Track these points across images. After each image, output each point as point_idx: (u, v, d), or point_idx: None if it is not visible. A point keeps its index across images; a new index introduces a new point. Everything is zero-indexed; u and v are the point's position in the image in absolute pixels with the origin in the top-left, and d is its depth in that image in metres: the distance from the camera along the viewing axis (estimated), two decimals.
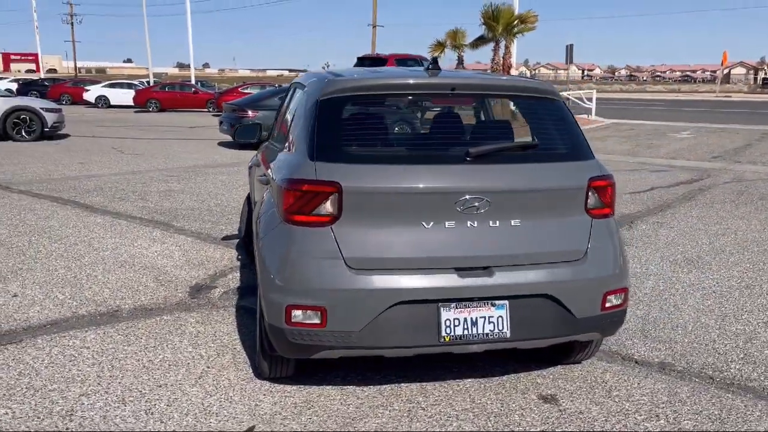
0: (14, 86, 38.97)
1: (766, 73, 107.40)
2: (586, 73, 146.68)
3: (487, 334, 3.12)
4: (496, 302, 3.12)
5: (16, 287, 5.13)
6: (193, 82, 37.30)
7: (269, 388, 3.52)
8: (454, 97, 3.47)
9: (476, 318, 3.10)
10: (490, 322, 3.12)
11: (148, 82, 39.31)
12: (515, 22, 19.46)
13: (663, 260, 6.27)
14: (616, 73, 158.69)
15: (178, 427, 3.11)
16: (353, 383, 3.60)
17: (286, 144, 3.61)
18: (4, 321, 4.43)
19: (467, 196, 3.06)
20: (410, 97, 3.69)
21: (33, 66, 61.97)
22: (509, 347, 3.25)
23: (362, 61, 21.69)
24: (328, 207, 3.03)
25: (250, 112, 15.18)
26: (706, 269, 5.98)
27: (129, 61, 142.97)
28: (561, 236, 3.24)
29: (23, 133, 16.58)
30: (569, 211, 3.27)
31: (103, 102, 33.86)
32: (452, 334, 3.08)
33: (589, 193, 3.30)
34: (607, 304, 3.31)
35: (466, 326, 3.09)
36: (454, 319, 3.08)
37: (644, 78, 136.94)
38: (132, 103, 31.93)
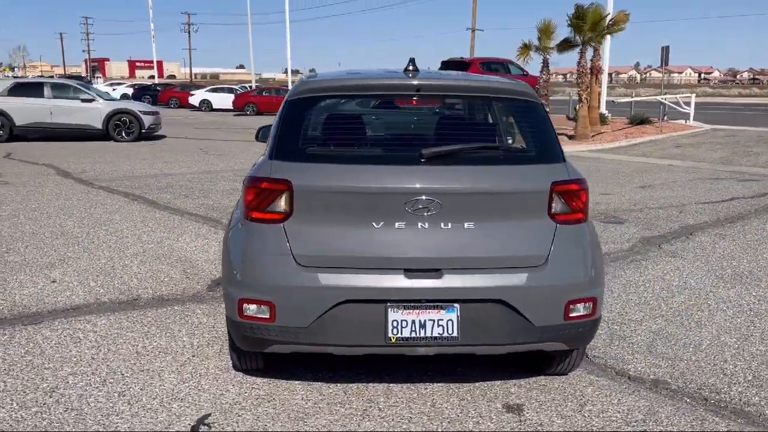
0: (130, 91, 41.85)
1: None
2: (702, 76, 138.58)
3: (435, 338, 3.08)
4: (446, 305, 3.08)
5: (58, 274, 5.56)
6: (289, 86, 38.50)
7: (240, 380, 3.64)
8: (421, 98, 3.45)
9: (425, 320, 3.07)
10: (439, 326, 3.08)
11: (250, 87, 41.00)
12: (604, 22, 18.71)
13: (708, 274, 5.89)
14: (738, 76, 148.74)
15: (142, 410, 3.29)
16: (323, 380, 3.65)
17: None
18: (34, 303, 4.83)
19: (417, 198, 3.05)
20: (377, 98, 3.69)
21: (155, 72, 66.30)
22: (459, 352, 3.19)
23: (446, 65, 21.64)
24: (281, 205, 3.11)
25: None
26: (753, 286, 5.56)
27: (241, 67, 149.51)
28: (519, 241, 3.15)
29: (123, 134, 17.80)
30: (530, 216, 3.17)
31: (206, 106, 35.73)
32: (399, 335, 3.07)
33: (553, 198, 3.18)
34: (572, 314, 3.18)
35: (413, 328, 3.07)
36: (401, 321, 3.06)
37: None
38: (232, 107, 33.55)
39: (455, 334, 3.08)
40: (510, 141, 3.50)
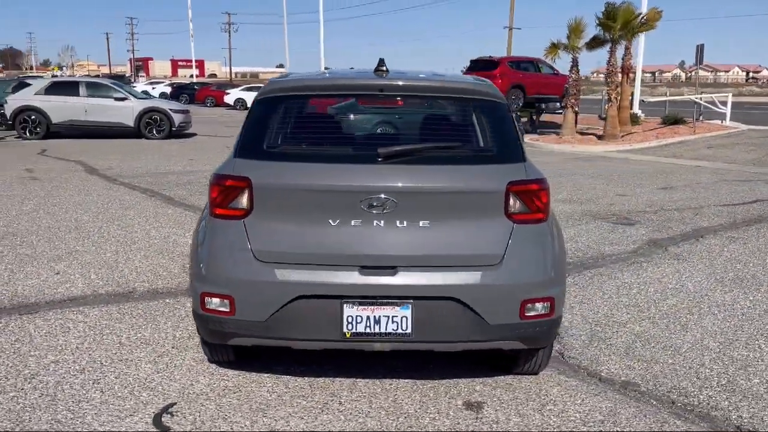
0: (169, 90, 42.74)
1: None
2: (751, 75, 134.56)
3: (389, 334, 3.13)
4: (401, 302, 3.13)
5: (63, 266, 5.78)
6: None
7: (212, 371, 3.75)
8: (384, 98, 3.50)
9: (379, 316, 3.13)
10: (393, 322, 3.13)
11: None
12: (636, 20, 18.37)
13: (708, 277, 5.80)
14: None
15: (112, 397, 3.42)
16: (293, 373, 3.74)
17: None
18: (34, 294, 5.04)
19: (373, 196, 3.10)
20: (341, 98, 3.75)
21: (197, 72, 67.50)
22: (414, 348, 3.24)
23: (475, 64, 21.54)
24: (241, 201, 3.20)
25: None
26: (752, 290, 5.46)
27: (281, 66, 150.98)
28: (474, 240, 3.18)
29: (154, 132, 18.24)
30: (486, 215, 3.19)
31: (240, 104, 36.23)
32: (354, 330, 3.13)
33: (510, 198, 3.20)
34: (527, 313, 3.20)
35: (368, 324, 3.13)
36: (356, 316, 3.13)
37: None
38: None
39: (409, 330, 3.13)
40: (472, 141, 3.52)
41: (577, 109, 19.84)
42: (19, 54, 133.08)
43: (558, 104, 21.29)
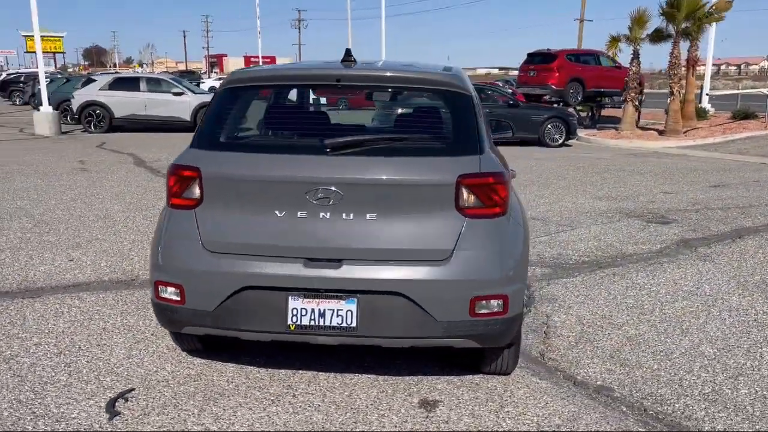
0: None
1: None
2: None
3: (334, 327, 3.08)
4: (346, 296, 3.07)
5: (79, 254, 6.00)
6: None
7: (180, 359, 3.80)
8: (343, 88, 3.44)
9: (324, 310, 3.09)
10: (338, 315, 3.08)
11: None
12: (702, 10, 17.47)
13: (730, 280, 5.46)
14: None
15: (76, 380, 3.52)
16: (257, 364, 3.74)
17: None
18: (42, 279, 5.25)
19: (318, 187, 3.06)
20: (299, 89, 3.70)
21: None
22: (359, 343, 3.18)
23: (531, 58, 21.04)
24: (194, 191, 3.22)
25: None
26: None
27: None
28: (422, 234, 3.08)
29: None
30: (435, 209, 3.09)
31: None
32: (299, 323, 3.10)
33: (461, 191, 3.08)
34: (478, 310, 3.08)
35: (313, 317, 3.09)
36: (301, 309, 3.09)
37: None
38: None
39: (354, 324, 3.07)
40: (426, 132, 3.41)
41: (637, 103, 19.10)
42: (104, 52, 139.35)
43: (618, 98, 20.55)
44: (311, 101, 3.91)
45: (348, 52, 3.58)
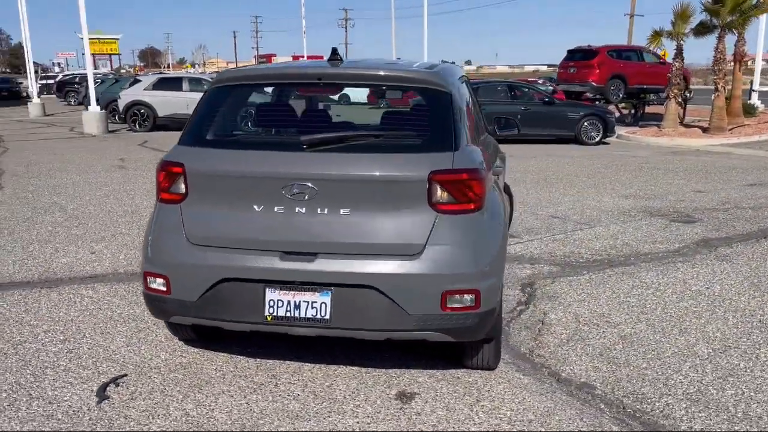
0: None
1: None
2: None
3: (309, 319, 3.18)
4: (321, 288, 3.16)
5: (101, 247, 6.26)
6: None
7: (176, 348, 3.95)
8: (325, 86, 3.52)
9: (299, 302, 3.18)
10: (313, 307, 3.17)
11: None
12: (749, 2, 16.88)
13: (743, 281, 5.34)
14: None
15: (75, 365, 3.70)
16: (248, 354, 3.86)
17: None
18: (62, 270, 5.51)
19: (294, 183, 3.15)
20: (282, 87, 3.78)
21: None
22: (333, 335, 3.26)
23: (572, 54, 20.71)
24: (179, 186, 3.36)
25: None
26: None
27: (398, 59, 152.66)
28: (394, 229, 3.14)
29: None
30: (408, 204, 3.14)
31: (345, 99, 37.01)
32: (275, 314, 3.20)
33: (433, 187, 3.13)
34: (450, 304, 3.13)
35: (288, 308, 3.19)
36: (277, 300, 3.20)
37: None
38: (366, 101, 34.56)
39: (328, 316, 3.16)
40: (402, 129, 3.46)
41: (680, 99, 18.63)
42: (158, 53, 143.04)
43: (662, 95, 20.07)
44: (289, 99, 3.99)
45: (334, 51, 3.67)
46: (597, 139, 16.29)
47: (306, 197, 3.16)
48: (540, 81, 30.78)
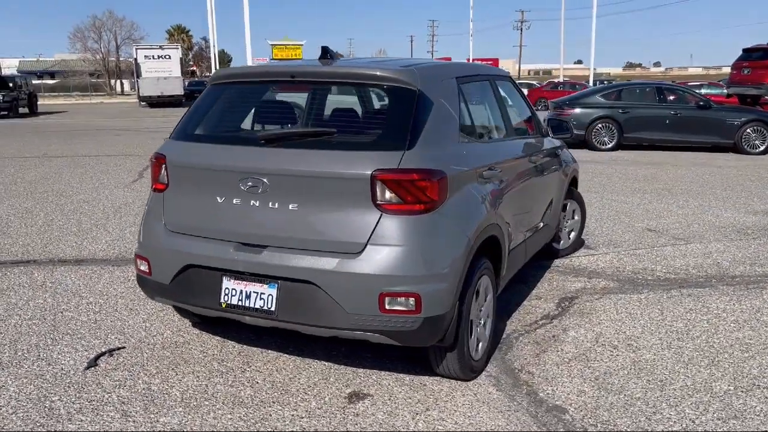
0: None
1: None
2: None
3: (257, 309, 3.26)
4: (268, 281, 3.23)
5: (117, 231, 6.84)
6: (590, 82, 36.64)
7: (180, 328, 4.21)
8: (298, 84, 3.57)
9: (250, 292, 3.27)
10: (260, 298, 3.25)
11: (587, 83, 38.73)
12: None
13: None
14: None
15: (88, 335, 4.09)
16: (238, 340, 4.02)
17: None
18: (71, 252, 6.04)
19: (248, 176, 3.25)
20: (259, 85, 3.80)
21: None
22: (279, 327, 3.30)
23: (748, 54, 18.60)
24: (163, 176, 3.61)
25: (566, 110, 15.02)
26: None
27: (579, 62, 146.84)
28: (337, 226, 3.12)
29: None
30: (352, 203, 3.10)
31: None
32: (229, 302, 3.32)
33: (378, 186, 3.05)
34: (388, 306, 3.04)
35: (240, 298, 3.29)
36: (232, 289, 3.32)
37: None
38: None
39: (273, 308, 3.22)
40: (358, 126, 3.40)
41: None
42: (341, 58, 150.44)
43: None
44: (265, 96, 4.04)
45: (324, 49, 3.72)
46: (762, 148, 14.57)
47: (259, 191, 3.25)
48: (705, 84, 28.19)
